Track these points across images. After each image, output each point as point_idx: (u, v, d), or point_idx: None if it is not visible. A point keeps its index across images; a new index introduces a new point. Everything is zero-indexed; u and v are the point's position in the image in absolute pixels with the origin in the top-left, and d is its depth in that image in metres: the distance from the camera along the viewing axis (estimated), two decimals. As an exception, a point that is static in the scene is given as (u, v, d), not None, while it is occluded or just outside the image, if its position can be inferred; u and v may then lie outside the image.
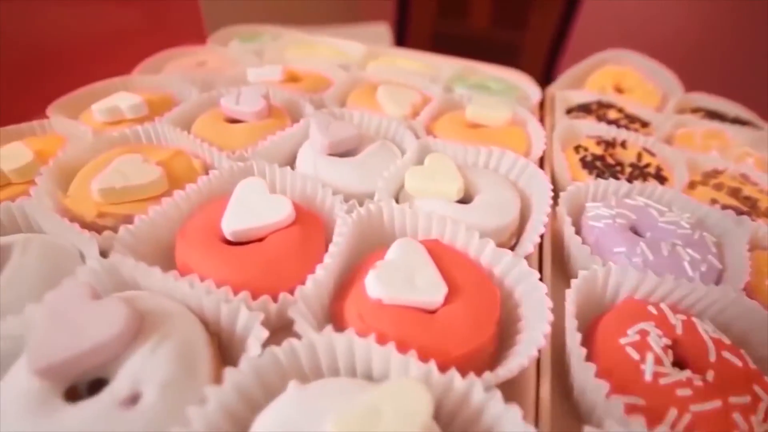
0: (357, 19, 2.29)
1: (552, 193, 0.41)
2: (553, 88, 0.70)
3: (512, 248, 0.41)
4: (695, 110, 0.67)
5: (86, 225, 0.36)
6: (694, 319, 0.32)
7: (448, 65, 0.72)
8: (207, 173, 0.42)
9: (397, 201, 0.41)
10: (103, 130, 0.47)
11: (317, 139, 0.44)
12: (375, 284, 0.30)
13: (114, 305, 0.26)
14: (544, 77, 0.73)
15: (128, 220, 0.37)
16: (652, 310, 0.33)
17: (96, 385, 0.26)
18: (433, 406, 0.23)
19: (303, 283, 0.33)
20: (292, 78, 0.61)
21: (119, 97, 0.50)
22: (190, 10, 0.95)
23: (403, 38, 2.54)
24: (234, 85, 0.57)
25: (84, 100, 0.54)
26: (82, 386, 0.26)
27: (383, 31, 1.86)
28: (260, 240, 0.34)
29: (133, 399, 0.24)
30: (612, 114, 0.61)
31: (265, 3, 1.51)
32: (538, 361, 0.32)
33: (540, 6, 2.53)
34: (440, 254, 0.34)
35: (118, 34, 0.83)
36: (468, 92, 0.61)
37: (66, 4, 0.71)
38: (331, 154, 0.44)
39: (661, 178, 0.48)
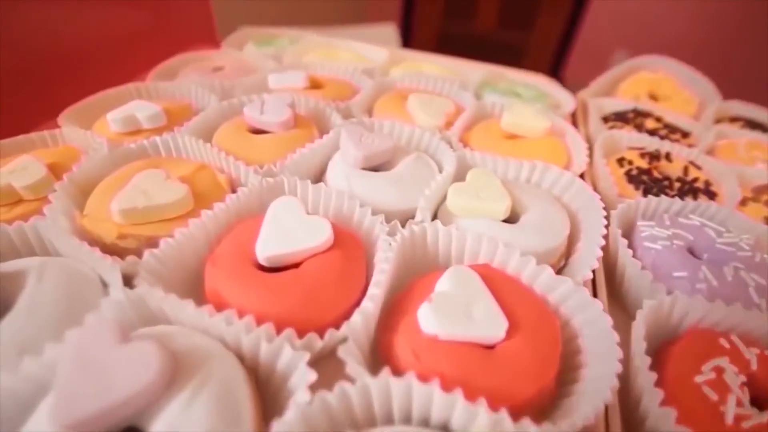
0: (364, 20, 2.27)
1: (604, 212, 0.38)
2: (584, 95, 0.67)
3: (560, 271, 0.38)
4: (733, 119, 0.64)
5: (105, 246, 0.34)
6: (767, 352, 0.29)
7: (473, 70, 0.69)
8: (233, 189, 0.39)
9: (434, 219, 0.38)
10: (118, 141, 0.44)
11: (350, 152, 0.41)
12: (431, 319, 0.27)
13: (146, 349, 0.23)
14: (551, 79, 0.70)
15: (150, 241, 0.34)
16: (724, 343, 0.30)
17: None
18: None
19: (344, 312, 0.31)
20: (315, 84, 0.58)
21: (136, 106, 0.47)
22: (200, 12, 0.92)
23: (408, 39, 2.52)
24: (254, 92, 0.55)
25: (97, 108, 0.51)
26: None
27: (391, 31, 1.83)
28: (296, 265, 0.31)
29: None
30: (650, 123, 0.58)
31: (274, 4, 1.48)
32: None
33: (547, 7, 2.51)
34: (493, 281, 0.31)
35: (127, 37, 0.80)
36: (500, 100, 0.58)
37: (74, 7, 0.68)
38: (364, 168, 0.41)
39: (710, 194, 0.46)
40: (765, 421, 0.26)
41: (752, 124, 0.61)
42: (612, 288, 0.39)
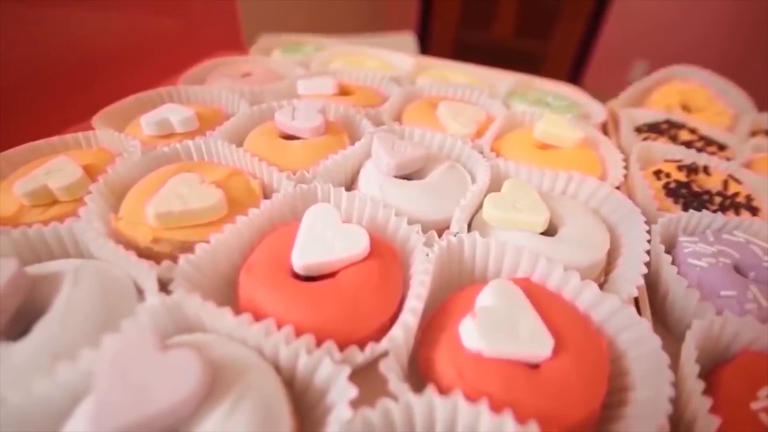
0: (382, 28, 2.28)
1: (646, 227, 0.37)
2: (614, 105, 0.66)
3: (600, 288, 0.37)
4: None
5: (139, 250, 0.33)
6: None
7: (500, 79, 0.68)
8: (265, 195, 0.39)
9: (469, 230, 0.38)
10: (151, 144, 0.44)
11: (383, 159, 0.40)
12: (475, 335, 0.26)
13: (186, 358, 0.23)
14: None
15: (184, 246, 0.34)
16: (780, 362, 0.29)
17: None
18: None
19: (382, 325, 0.30)
20: (344, 91, 0.58)
21: (169, 110, 0.47)
22: (227, 19, 0.93)
23: (425, 47, 2.52)
24: (283, 98, 0.55)
25: (129, 111, 0.52)
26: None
27: (409, 40, 1.84)
28: (332, 275, 0.31)
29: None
30: (684, 135, 0.56)
31: (296, 14, 1.49)
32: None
33: (565, 15, 2.49)
34: (535, 296, 0.30)
35: (155, 43, 0.81)
36: (530, 109, 0.57)
37: (103, 12, 0.69)
38: (396, 176, 0.41)
39: (753, 209, 0.44)
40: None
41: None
42: (654, 307, 0.37)
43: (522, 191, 0.38)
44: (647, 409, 0.25)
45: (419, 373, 0.28)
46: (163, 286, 0.29)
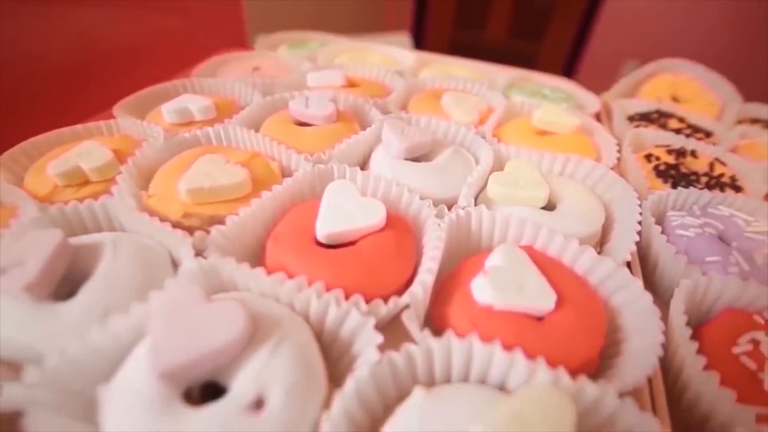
0: (378, 29, 2.31)
1: (639, 201, 0.40)
2: (607, 97, 0.70)
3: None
4: (754, 120, 0.65)
5: (170, 225, 0.36)
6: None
7: (499, 73, 0.71)
8: (283, 176, 0.42)
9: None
10: (172, 131, 0.47)
11: (394, 143, 0.43)
12: (486, 290, 0.29)
13: (230, 307, 0.25)
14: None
15: (212, 220, 0.36)
16: (759, 319, 0.32)
17: (208, 389, 0.26)
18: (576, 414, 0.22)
19: (398, 288, 0.32)
20: (350, 84, 0.61)
21: (188, 99, 0.49)
22: (232, 18, 0.96)
23: (420, 48, 2.56)
24: (294, 89, 0.57)
25: (146, 102, 0.54)
26: (195, 390, 0.25)
27: (405, 41, 1.87)
28: (352, 243, 0.33)
29: (258, 404, 0.23)
30: (673, 123, 0.60)
31: (295, 14, 1.52)
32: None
33: (558, 17, 2.53)
34: (538, 261, 0.33)
35: (164, 40, 0.83)
36: (528, 100, 0.60)
37: (111, 11, 0.71)
38: (406, 159, 0.44)
39: (736, 188, 0.47)
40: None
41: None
42: (645, 275, 0.40)
43: (524, 170, 0.41)
44: (641, 354, 0.28)
45: (433, 329, 0.31)
46: (196, 256, 0.32)
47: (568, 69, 2.65)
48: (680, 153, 0.51)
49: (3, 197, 0.39)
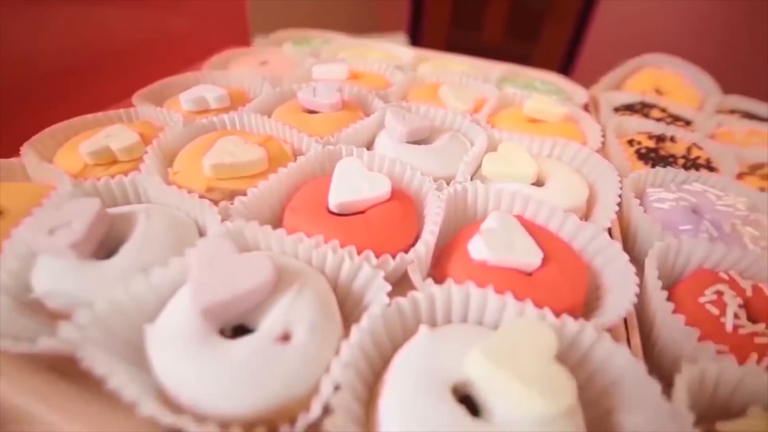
0: (376, 30, 2.35)
1: (620, 177, 0.44)
2: (594, 90, 0.74)
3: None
4: (732, 111, 0.70)
5: (194, 199, 0.39)
6: (760, 284, 0.35)
7: (493, 68, 0.76)
8: (295, 157, 0.45)
9: (472, 183, 0.44)
10: (190, 119, 0.50)
11: (397, 127, 0.47)
12: (481, 247, 0.33)
13: (258, 258, 0.29)
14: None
15: (232, 194, 0.40)
16: (724, 276, 0.36)
17: (237, 332, 0.29)
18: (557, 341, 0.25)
19: (404, 248, 0.36)
20: (354, 76, 0.64)
21: (204, 89, 0.53)
22: (236, 18, 1.00)
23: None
24: (301, 81, 0.61)
25: (163, 92, 0.58)
26: (227, 332, 0.29)
27: (402, 41, 1.91)
28: (362, 212, 0.37)
29: (285, 337, 0.27)
30: (655, 113, 0.64)
31: (293, 17, 1.56)
32: (625, 319, 0.35)
33: (553, 18, 2.58)
34: (527, 226, 0.37)
35: (171, 39, 0.87)
36: (520, 91, 0.64)
37: (120, 10, 0.75)
38: (407, 142, 0.47)
39: (711, 169, 0.51)
40: (759, 330, 0.31)
41: (749, 116, 0.67)
42: (625, 243, 0.44)
43: (514, 151, 0.45)
44: (617, 303, 0.32)
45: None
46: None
47: (563, 69, 2.69)
48: (660, 138, 0.55)
49: (35, 174, 0.43)
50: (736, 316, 0.32)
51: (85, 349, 0.26)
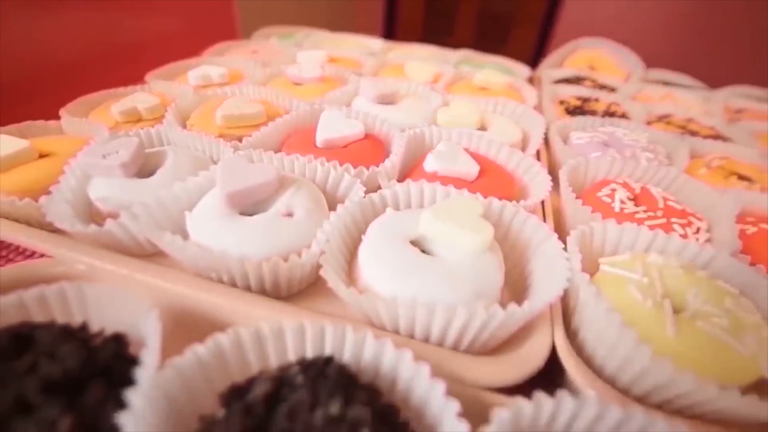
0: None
1: (545, 126, 0.55)
2: (539, 70, 0.86)
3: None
4: (658, 82, 0.83)
5: (207, 145, 0.50)
6: (648, 186, 0.46)
7: (452, 54, 0.88)
8: (287, 114, 0.56)
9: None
10: (198, 91, 0.61)
11: (369, 91, 0.58)
12: (433, 161, 0.44)
13: (266, 165, 0.39)
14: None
15: (239, 140, 0.50)
16: (619, 180, 0.47)
17: (252, 221, 0.39)
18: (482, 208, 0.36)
19: (375, 173, 0.47)
20: (332, 60, 0.76)
21: (208, 68, 0.64)
22: (225, 17, 1.10)
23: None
24: (287, 65, 0.72)
25: (170, 73, 0.68)
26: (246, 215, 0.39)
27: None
28: (343, 147, 0.48)
29: (289, 214, 0.37)
30: (587, 83, 0.76)
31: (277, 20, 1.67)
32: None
33: (520, 22, 2.75)
34: (469, 153, 0.48)
35: (166, 37, 0.97)
36: (473, 69, 0.76)
37: (119, 12, 0.85)
38: (379, 103, 0.59)
39: (625, 119, 0.64)
40: (640, 210, 0.42)
41: (667, 84, 0.80)
42: (549, 166, 0.56)
43: (462, 105, 0.57)
44: (537, 195, 0.43)
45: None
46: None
47: (532, 68, 2.85)
48: (585, 99, 0.67)
49: (71, 131, 0.52)
50: (622, 201, 0.43)
51: (140, 223, 0.35)
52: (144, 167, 0.45)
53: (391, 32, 2.77)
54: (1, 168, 0.42)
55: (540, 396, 0.23)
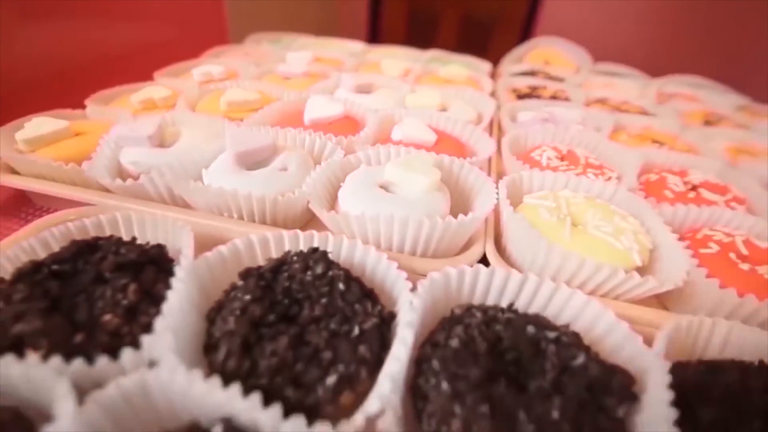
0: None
1: (495, 107, 0.66)
2: (501, 66, 0.98)
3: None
4: (601, 73, 0.95)
5: (213, 127, 0.60)
6: (574, 148, 0.57)
7: (424, 53, 0.99)
8: (279, 102, 0.66)
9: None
10: (202, 86, 0.71)
11: (348, 82, 0.69)
12: (398, 131, 0.54)
13: (264, 133, 0.49)
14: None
15: (240, 121, 0.60)
16: (550, 144, 0.58)
17: (254, 178, 0.49)
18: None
19: (353, 144, 0.57)
20: (317, 60, 0.86)
21: (210, 67, 0.74)
22: (215, 24, 1.21)
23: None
24: (276, 64, 0.82)
25: (174, 72, 0.78)
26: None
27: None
28: (329, 124, 0.58)
29: (284, 169, 0.47)
30: (540, 75, 0.88)
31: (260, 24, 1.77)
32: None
33: (501, 29, 2.87)
34: (431, 128, 0.58)
35: (159, 44, 1.06)
36: (440, 65, 0.88)
37: (122, 22, 0.95)
38: (356, 92, 0.69)
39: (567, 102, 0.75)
40: (564, 164, 0.53)
41: (610, 74, 0.92)
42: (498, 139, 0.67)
43: (427, 92, 0.67)
44: (483, 155, 0.54)
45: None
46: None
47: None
48: (534, 88, 0.79)
49: (98, 116, 0.62)
50: (549, 158, 0.54)
51: (170, 175, 0.45)
52: (163, 142, 0.54)
53: (374, 39, 2.88)
54: (45, 142, 0.52)
55: (464, 267, 0.33)
